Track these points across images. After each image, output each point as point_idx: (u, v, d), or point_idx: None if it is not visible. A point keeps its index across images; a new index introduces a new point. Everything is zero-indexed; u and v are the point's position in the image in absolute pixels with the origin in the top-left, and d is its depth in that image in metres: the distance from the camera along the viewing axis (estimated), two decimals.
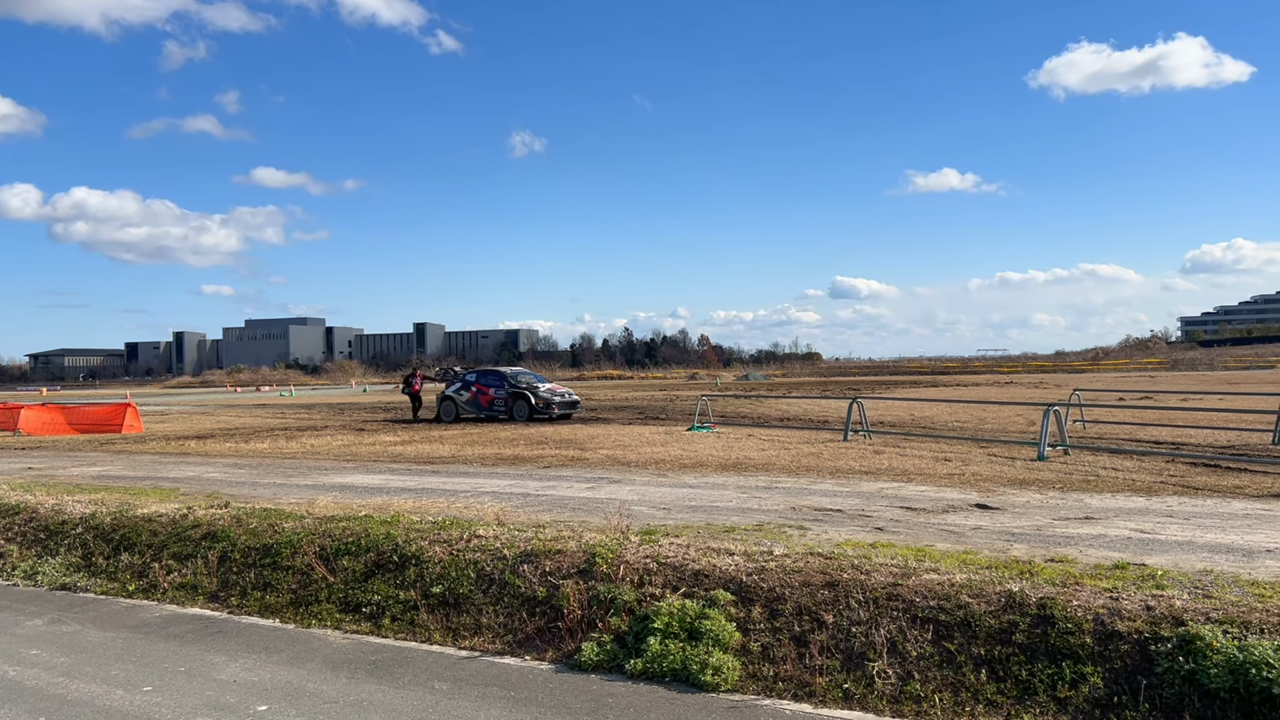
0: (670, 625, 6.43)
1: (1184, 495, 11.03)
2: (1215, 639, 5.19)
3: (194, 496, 12.23)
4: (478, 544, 8.17)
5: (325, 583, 8.32)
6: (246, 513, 10.18)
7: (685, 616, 6.46)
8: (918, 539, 8.53)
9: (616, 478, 13.63)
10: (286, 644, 7.31)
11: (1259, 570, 7.03)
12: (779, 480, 13.00)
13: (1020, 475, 13.08)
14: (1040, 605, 5.87)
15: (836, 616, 6.27)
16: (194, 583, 8.95)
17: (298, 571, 8.56)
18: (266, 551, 8.97)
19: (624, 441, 19.28)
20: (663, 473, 14.10)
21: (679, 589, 6.91)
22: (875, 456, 15.76)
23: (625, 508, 10.13)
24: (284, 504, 11.18)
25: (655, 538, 8.02)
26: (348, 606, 7.99)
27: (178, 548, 9.56)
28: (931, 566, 6.79)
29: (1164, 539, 8.42)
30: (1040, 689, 5.43)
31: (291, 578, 8.54)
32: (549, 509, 10.79)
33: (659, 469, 14.57)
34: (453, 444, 19.96)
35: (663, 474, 13.95)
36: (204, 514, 10.26)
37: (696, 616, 6.45)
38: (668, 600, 6.72)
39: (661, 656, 6.21)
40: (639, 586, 7.05)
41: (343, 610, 7.97)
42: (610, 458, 16.29)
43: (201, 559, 9.20)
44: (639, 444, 18.69)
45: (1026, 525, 9.27)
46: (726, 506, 10.73)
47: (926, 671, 5.75)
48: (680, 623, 6.42)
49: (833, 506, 10.63)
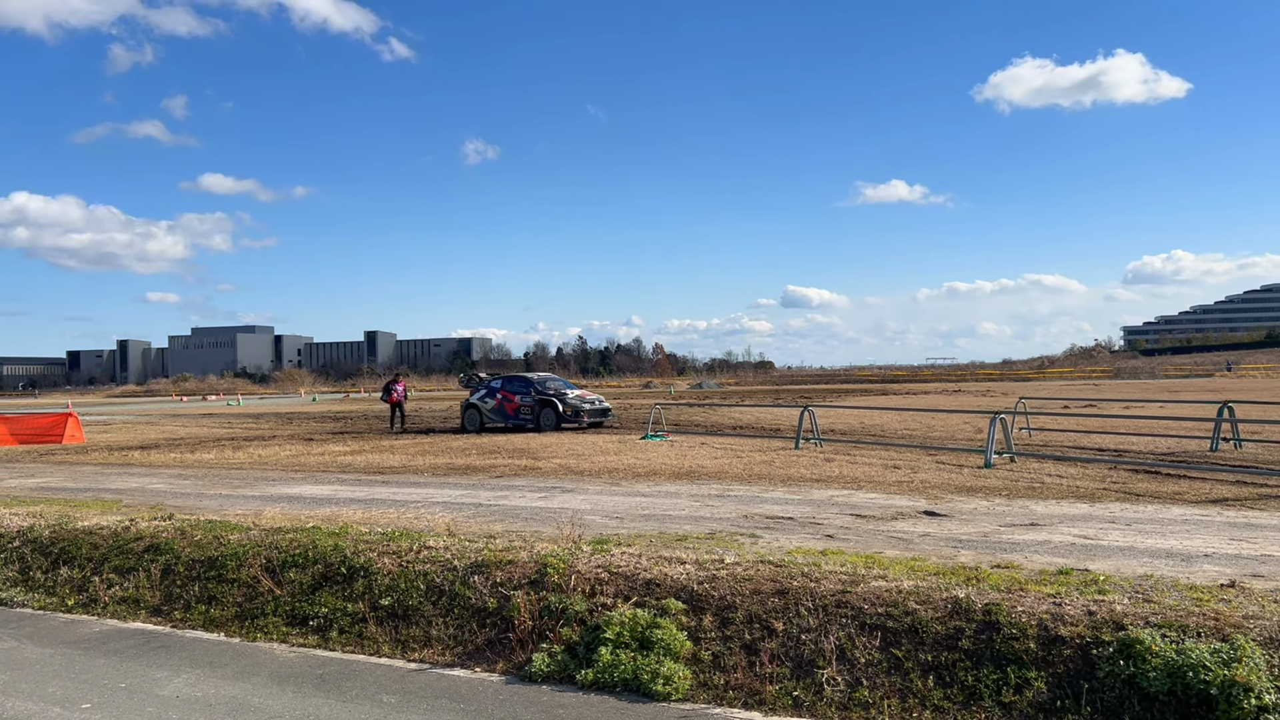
0: (622, 635, 6.42)
1: (1126, 501, 11.26)
2: (1154, 643, 5.30)
3: (137, 508, 11.98)
4: (428, 555, 8.10)
5: (272, 595, 8.19)
6: (191, 525, 10.00)
7: (637, 626, 6.45)
8: (867, 546, 8.61)
9: (569, 487, 13.60)
10: (232, 658, 7.18)
11: (1196, 574, 7.20)
12: (731, 488, 13.06)
13: (968, 482, 13.27)
14: (986, 611, 5.96)
15: (787, 624, 6.31)
16: (136, 596, 8.76)
17: (244, 584, 8.42)
18: (211, 564, 8.81)
19: (577, 450, 19.24)
20: (616, 482, 14.09)
21: (631, 598, 6.91)
22: (826, 464, 15.89)
23: (578, 517, 10.12)
24: (230, 515, 11.00)
25: (608, 547, 8.01)
26: (295, 619, 7.87)
27: (119, 561, 9.35)
28: (880, 574, 6.86)
29: (1106, 544, 8.59)
30: (986, 694, 5.50)
31: (237, 590, 8.39)
32: (501, 519, 10.73)
33: (612, 478, 14.56)
34: (404, 454, 19.78)
35: (616, 483, 13.95)
36: (147, 526, 10.05)
37: (648, 626, 6.45)
38: (619, 610, 6.71)
39: (613, 666, 6.20)
40: (591, 596, 7.03)
41: (290, 623, 7.85)
42: (563, 467, 16.25)
43: (144, 572, 9.01)
44: (592, 453, 18.66)
45: (973, 532, 9.40)
46: (679, 515, 10.75)
47: (875, 678, 5.81)
48: (632, 632, 6.42)
49: (784, 514, 10.70)
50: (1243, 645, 5.16)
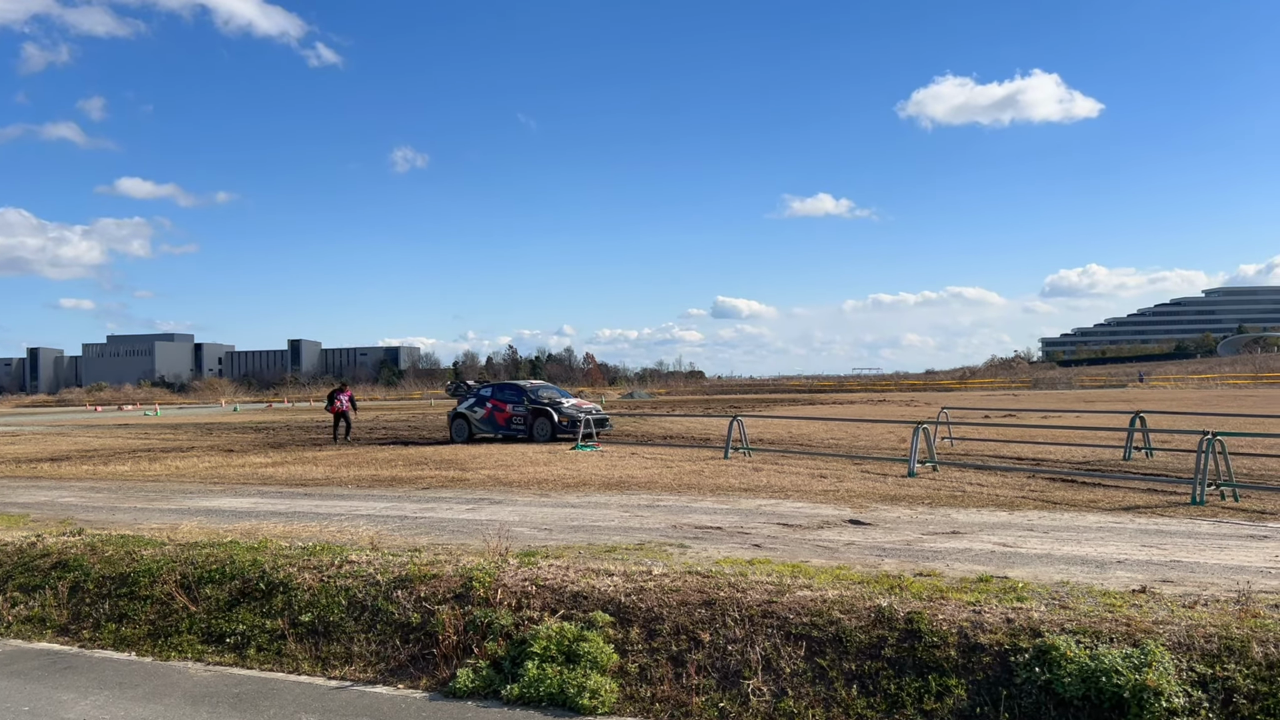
0: (548, 649, 6.36)
1: (1044, 510, 11.54)
2: (1070, 649, 5.43)
3: (45, 523, 11.53)
4: (350, 570, 7.93)
5: (187, 612, 7.94)
6: (102, 540, 9.65)
7: (563, 639, 6.40)
8: (794, 555, 8.69)
9: (498, 498, 13.47)
10: (143, 678, 6.94)
11: (1110, 581, 7.40)
12: (661, 498, 13.06)
13: (892, 491, 13.48)
14: (908, 620, 6.04)
15: (713, 635, 6.32)
16: (42, 615, 8.41)
17: (157, 601, 8.15)
18: (123, 580, 8.51)
19: (506, 461, 19.09)
20: (545, 493, 14.00)
21: (558, 611, 6.85)
22: (755, 474, 16.00)
23: (505, 529, 10.02)
24: (144, 530, 10.65)
25: (535, 560, 7.94)
26: (211, 637, 7.64)
27: (24, 578, 8.98)
28: (806, 583, 6.92)
29: (1025, 552, 8.79)
30: (908, 702, 5.57)
31: (150, 608, 8.12)
32: (426, 532, 10.58)
33: (541, 489, 14.46)
34: (327, 465, 19.39)
35: (545, 494, 13.86)
36: (55, 541, 9.67)
37: (575, 639, 6.40)
38: (546, 623, 6.65)
39: (539, 681, 6.13)
40: (517, 610, 6.96)
41: (205, 641, 7.62)
42: (492, 478, 16.10)
43: (51, 590, 8.67)
44: (522, 463, 18.53)
45: (897, 540, 9.54)
46: (608, 526, 10.72)
47: (800, 688, 5.84)
48: (558, 646, 6.36)
49: (713, 524, 10.74)
50: (1153, 650, 5.31)
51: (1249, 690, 5.11)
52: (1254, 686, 5.12)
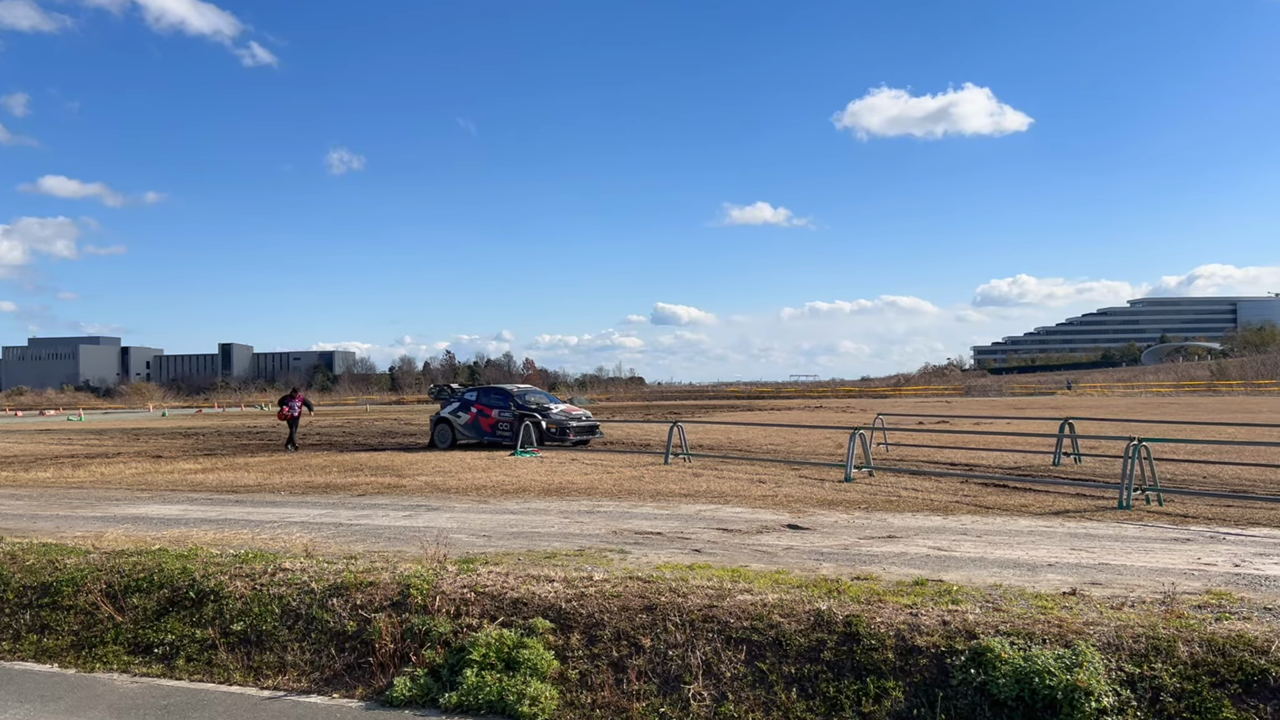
0: (487, 656, 6.30)
1: (977, 514, 11.76)
2: (1004, 650, 5.52)
3: None
4: (283, 577, 7.77)
5: (113, 622, 7.71)
6: (23, 548, 9.32)
7: (503, 646, 6.34)
8: (733, 560, 8.72)
9: (435, 505, 13.32)
10: (66, 690, 6.71)
11: (1042, 583, 7.56)
12: (601, 504, 13.03)
13: (829, 496, 13.62)
14: (847, 623, 6.10)
15: (654, 640, 6.31)
16: None
17: (81, 611, 7.89)
18: (45, 590, 8.23)
19: (444, 467, 18.89)
20: (484, 499, 13.88)
21: (497, 618, 6.79)
22: (694, 479, 16.05)
23: (443, 536, 9.90)
24: (68, 538, 10.32)
25: (474, 566, 7.86)
26: (138, 648, 7.42)
27: None
28: (746, 587, 6.94)
29: (959, 556, 8.94)
30: (847, 705, 5.62)
31: (74, 618, 7.86)
32: (362, 539, 10.41)
33: (480, 495, 14.33)
34: (259, 471, 19.00)
35: (484, 500, 13.73)
36: None
37: (514, 646, 6.34)
38: (485, 630, 6.58)
39: (478, 688, 6.07)
40: (456, 617, 6.88)
41: (132, 652, 7.40)
42: (429, 484, 15.91)
43: None
44: (460, 470, 18.35)
45: (835, 544, 9.64)
46: (548, 532, 10.65)
47: (740, 692, 5.86)
48: (498, 653, 6.30)
49: (653, 529, 10.73)
50: (1084, 651, 5.43)
51: (1175, 689, 5.25)
52: (1180, 685, 5.26)
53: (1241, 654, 5.35)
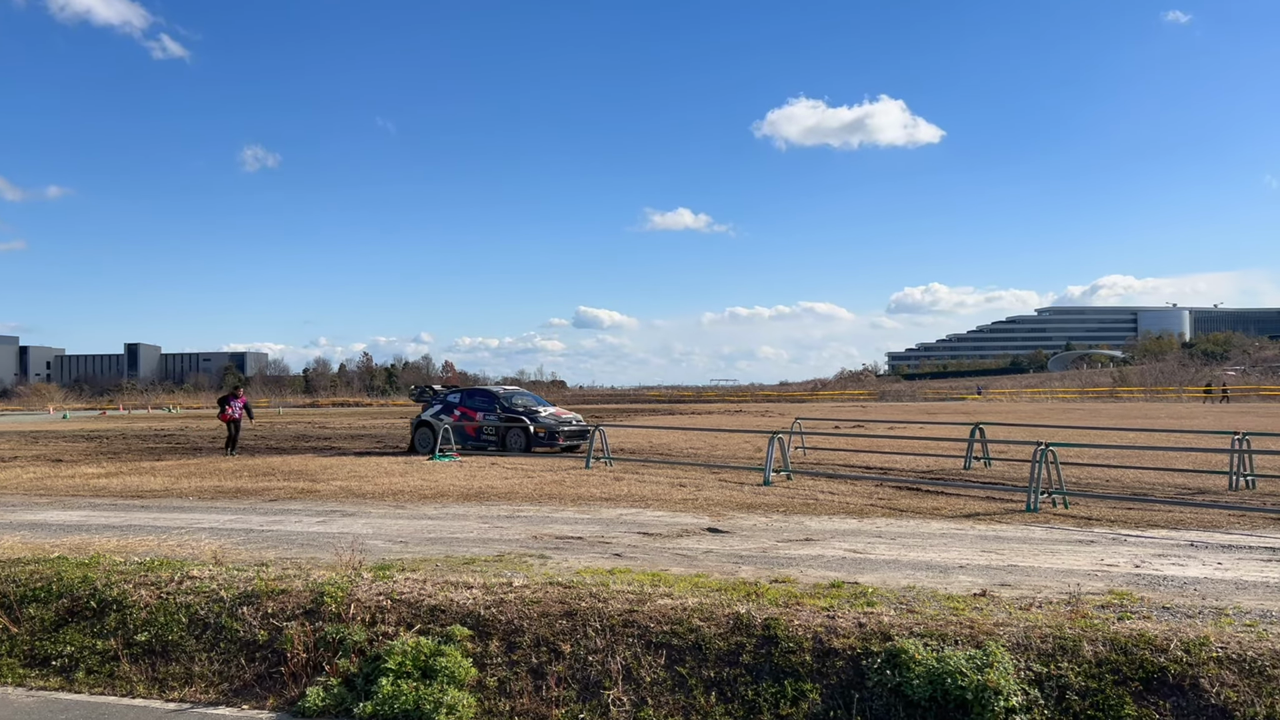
0: (404, 664, 6.19)
1: (891, 517, 11.99)
2: (918, 652, 5.63)
3: None
4: (191, 585, 7.52)
5: (7, 634, 7.37)
6: None
7: (419, 654, 6.23)
8: (654, 564, 8.73)
9: (351, 510, 13.06)
10: None
11: (953, 585, 7.73)
12: (521, 509, 12.93)
13: (748, 499, 13.74)
14: (765, 626, 6.14)
15: (574, 646, 6.27)
16: None
17: None
18: None
19: (360, 472, 18.54)
20: (401, 504, 13.66)
21: (414, 626, 6.67)
22: (616, 483, 16.04)
23: (359, 542, 9.70)
24: None
25: (390, 573, 7.72)
26: (35, 660, 7.11)
27: None
28: (666, 592, 6.95)
29: (874, 558, 9.10)
30: (765, 708, 5.66)
31: None
32: (274, 545, 10.15)
33: (397, 500, 14.10)
34: (166, 476, 18.39)
35: (401, 505, 13.52)
36: None
37: (431, 654, 6.24)
38: (402, 638, 6.46)
39: (393, 698, 5.95)
40: (371, 625, 6.74)
41: (28, 664, 7.08)
42: (344, 489, 15.60)
43: None
44: (376, 474, 18.03)
45: (753, 548, 9.72)
46: (467, 537, 10.53)
47: (659, 696, 5.86)
48: (414, 661, 6.19)
49: (574, 534, 10.69)
50: (994, 651, 5.56)
51: (1080, 687, 5.41)
52: (1085, 684, 5.42)
53: (1142, 652, 5.54)
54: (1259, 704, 5.19)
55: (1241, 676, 5.33)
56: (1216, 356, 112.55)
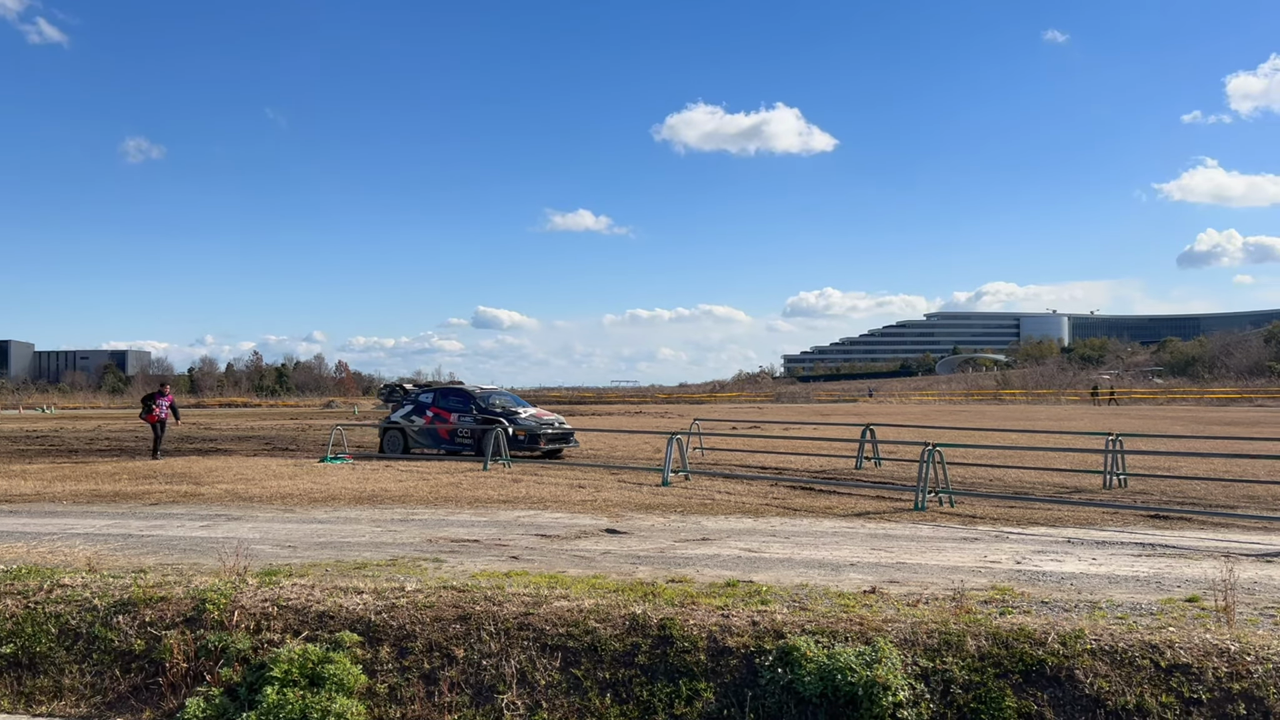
0: (290, 672, 6.00)
1: (785, 516, 12.18)
2: (809, 649, 5.72)
3: None
4: (61, 594, 7.15)
5: None
6: None
7: (307, 662, 6.05)
8: (551, 566, 8.68)
9: (237, 514, 12.63)
10: None
11: (845, 583, 7.90)
12: (416, 512, 12.71)
13: (647, 500, 13.79)
14: (661, 626, 6.16)
15: (468, 650, 6.18)
16: None
17: None
18: None
19: (247, 475, 17.95)
20: (290, 508, 13.27)
21: (301, 633, 6.48)
22: (514, 485, 15.91)
23: (244, 547, 9.38)
24: None
25: (277, 579, 7.48)
26: None
27: None
28: (563, 594, 6.91)
29: (769, 557, 9.23)
30: (660, 708, 5.68)
31: None
32: (154, 551, 9.74)
33: (286, 504, 13.70)
34: (38, 479, 17.48)
35: (290, 509, 13.13)
36: None
37: (319, 661, 6.07)
38: (288, 646, 6.27)
39: (279, 707, 5.76)
40: (256, 633, 6.52)
41: None
42: (230, 492, 15.07)
43: None
44: (264, 477, 17.48)
45: (651, 548, 9.76)
46: (359, 542, 10.29)
47: (554, 699, 5.82)
48: (301, 669, 6.01)
49: (470, 537, 10.55)
50: (882, 647, 5.69)
51: (964, 681, 5.58)
52: (968, 677, 5.60)
53: (1022, 646, 5.75)
54: (1129, 693, 5.43)
55: (1113, 667, 5.57)
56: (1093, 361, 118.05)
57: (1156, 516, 12.01)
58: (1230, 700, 5.35)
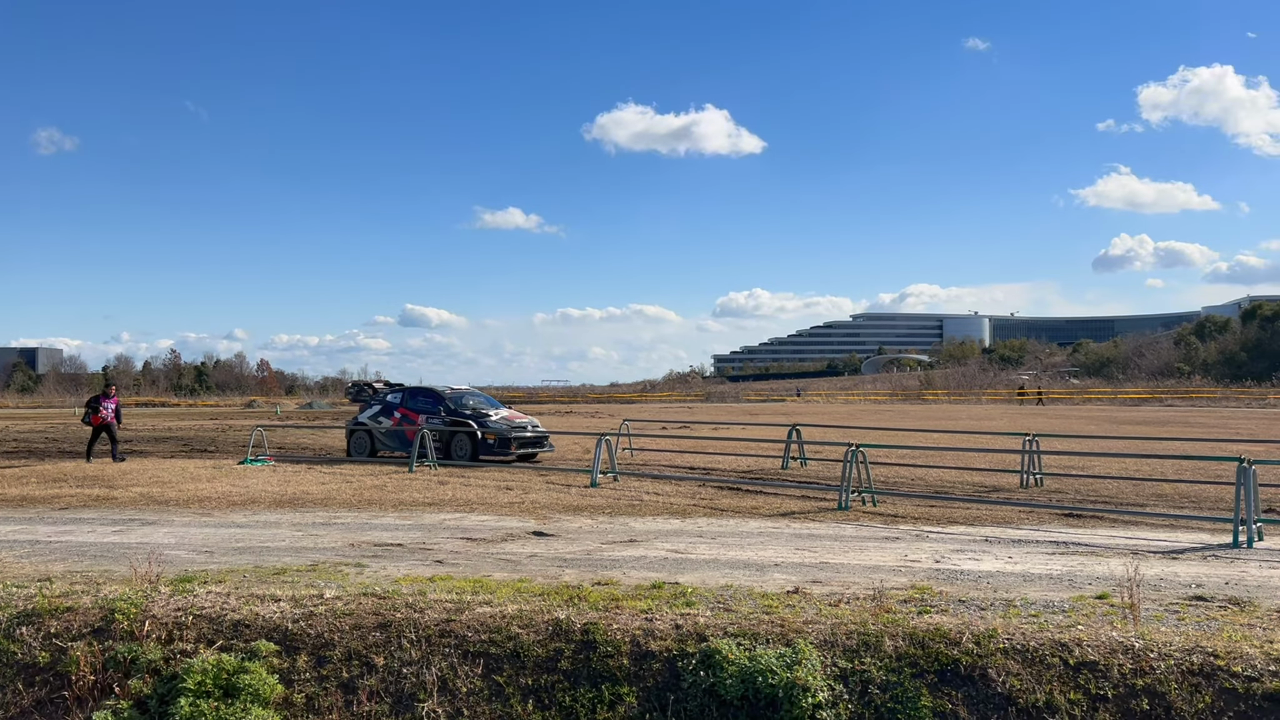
0: (203, 683, 5.85)
1: (712, 516, 12.26)
2: (731, 652, 5.77)
3: None
4: None
5: None
6: None
7: (221, 672, 5.91)
8: (476, 570, 8.60)
9: (151, 519, 12.27)
10: None
11: (769, 583, 7.97)
12: (339, 515, 12.49)
13: (575, 502, 13.76)
14: (584, 631, 6.15)
15: (388, 659, 6.09)
16: None
17: None
18: None
19: (163, 477, 17.45)
20: (207, 511, 12.94)
21: (216, 642, 6.32)
22: (440, 487, 15.74)
23: (158, 553, 9.11)
24: None
25: (191, 586, 7.28)
26: None
27: None
28: (486, 599, 6.86)
29: (695, 558, 9.27)
30: (582, 714, 5.67)
31: None
32: (63, 558, 9.41)
33: (203, 507, 13.35)
34: None
35: (207, 513, 12.80)
36: None
37: (234, 671, 5.93)
38: (202, 656, 6.11)
39: (191, 719, 5.61)
40: (168, 643, 6.34)
41: None
42: (145, 496, 14.64)
43: None
44: (181, 480, 17.02)
45: (578, 550, 9.73)
46: (279, 546, 10.07)
47: (476, 707, 5.77)
48: (215, 680, 5.86)
49: (393, 541, 10.41)
50: (803, 648, 5.76)
51: (882, 681, 5.68)
52: (886, 677, 5.69)
53: (938, 645, 5.87)
54: (1039, 691, 5.58)
55: (1024, 665, 5.72)
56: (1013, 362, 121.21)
57: (1070, 515, 12.37)
58: (1134, 696, 5.53)
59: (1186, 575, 8.48)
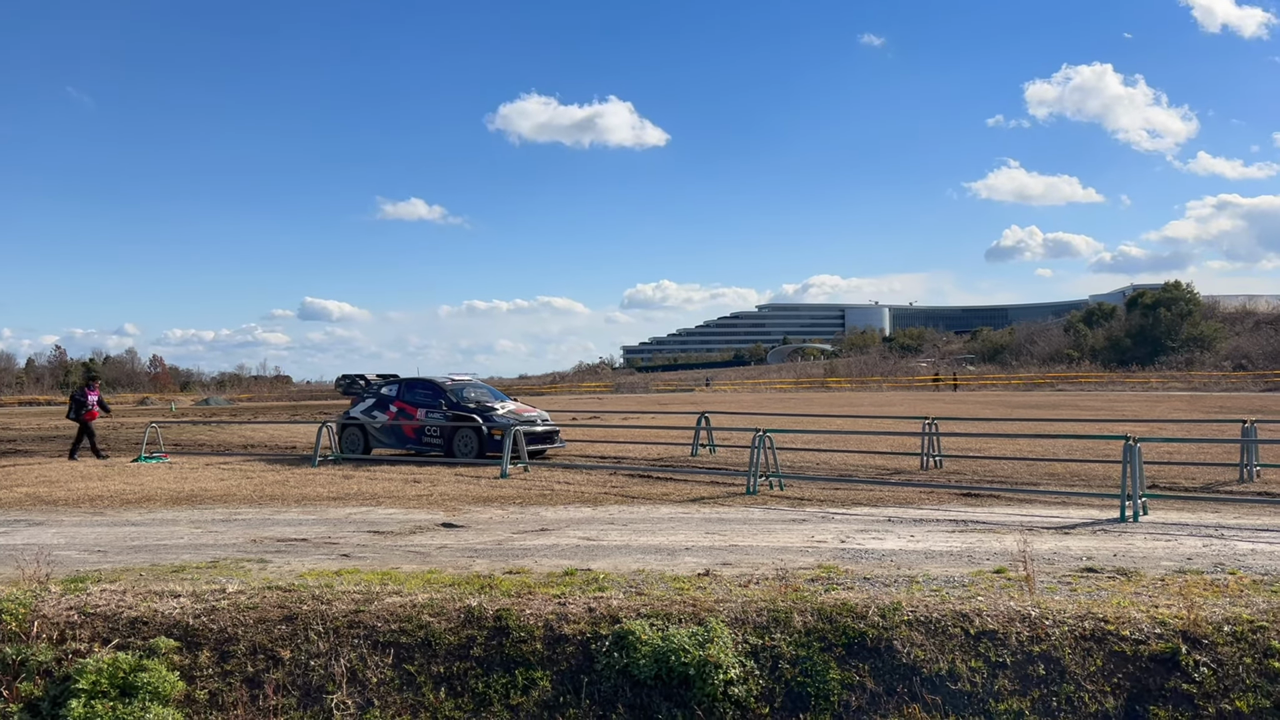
0: (99, 683, 5.64)
1: (624, 504, 12.31)
2: (644, 632, 5.81)
3: None
4: None
5: None
6: None
7: (118, 671, 5.70)
8: (385, 562, 8.47)
9: (39, 519, 11.74)
10: None
11: (680, 566, 8.05)
12: (240, 511, 12.15)
13: (485, 493, 13.66)
14: (497, 617, 6.12)
15: (295, 651, 5.97)
16: None
17: None
18: None
19: (51, 477, 16.71)
20: (100, 510, 12.45)
21: (112, 641, 6.09)
22: (345, 481, 15.44)
23: (47, 553, 8.72)
24: None
25: (84, 585, 7.00)
26: None
27: None
28: (395, 589, 6.76)
29: (607, 544, 9.30)
30: (495, 699, 5.64)
31: None
32: None
33: (95, 506, 12.84)
34: None
35: (100, 512, 12.31)
36: None
37: (132, 670, 5.73)
38: (97, 655, 5.89)
39: None
40: (60, 643, 6.09)
41: None
42: (32, 496, 14.00)
43: None
44: (71, 479, 16.32)
45: (489, 541, 9.67)
46: (177, 544, 9.75)
47: (387, 697, 5.69)
48: (111, 679, 5.65)
49: (298, 536, 10.18)
50: (715, 627, 5.84)
51: (791, 656, 5.79)
52: (795, 652, 5.81)
53: (845, 620, 6.01)
54: (942, 660, 5.77)
55: (928, 636, 5.91)
56: (911, 350, 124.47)
57: (969, 495, 12.79)
58: (1031, 662, 5.76)
59: (1078, 549, 8.85)
